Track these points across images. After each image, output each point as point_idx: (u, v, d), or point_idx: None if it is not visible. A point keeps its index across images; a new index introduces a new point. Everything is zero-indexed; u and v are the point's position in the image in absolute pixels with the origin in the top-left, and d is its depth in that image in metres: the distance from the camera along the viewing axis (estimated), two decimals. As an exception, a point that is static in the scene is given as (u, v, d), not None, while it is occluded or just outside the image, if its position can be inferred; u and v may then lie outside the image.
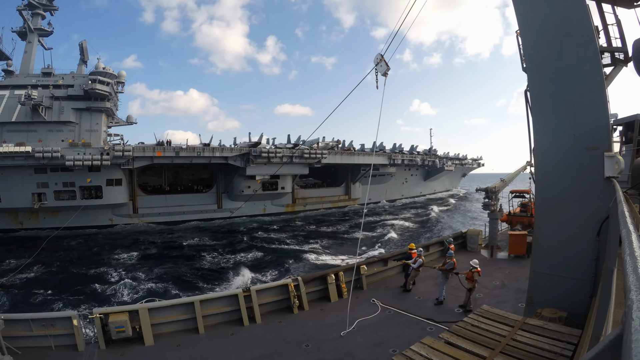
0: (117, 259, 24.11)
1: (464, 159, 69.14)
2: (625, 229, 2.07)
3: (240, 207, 38.47)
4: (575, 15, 6.59)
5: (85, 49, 39.10)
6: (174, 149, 34.31)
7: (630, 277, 1.25)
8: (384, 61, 8.73)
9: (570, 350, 4.78)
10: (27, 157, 29.64)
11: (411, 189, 60.56)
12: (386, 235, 31.06)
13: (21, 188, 30.65)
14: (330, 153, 42.32)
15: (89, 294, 17.35)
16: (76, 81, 34.92)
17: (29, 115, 32.56)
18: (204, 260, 24.05)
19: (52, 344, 7.83)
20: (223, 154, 35.79)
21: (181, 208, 37.36)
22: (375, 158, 47.18)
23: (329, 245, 28.14)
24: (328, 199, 47.87)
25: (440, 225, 37.41)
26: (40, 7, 37.86)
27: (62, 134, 33.60)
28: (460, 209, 54.11)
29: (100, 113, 35.73)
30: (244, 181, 38.06)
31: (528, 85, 7.60)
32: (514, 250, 14.78)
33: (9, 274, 18.33)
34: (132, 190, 35.68)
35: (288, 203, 43.47)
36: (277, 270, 21.18)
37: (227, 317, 9.33)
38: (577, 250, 6.83)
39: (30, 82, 33.70)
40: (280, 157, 37.58)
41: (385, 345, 7.82)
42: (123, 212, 35.25)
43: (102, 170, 31.92)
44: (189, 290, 17.63)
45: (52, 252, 24.66)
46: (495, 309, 6.60)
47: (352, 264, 11.30)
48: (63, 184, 31.67)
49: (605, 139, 6.49)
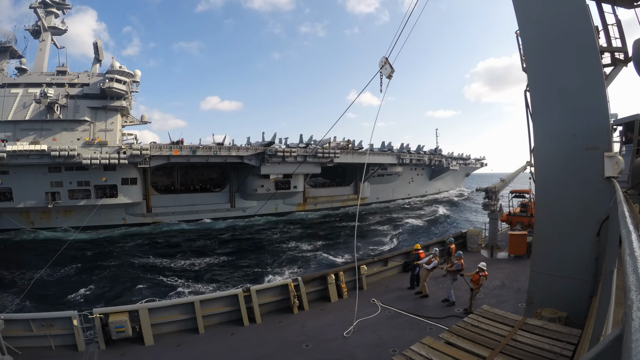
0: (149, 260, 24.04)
1: (468, 159, 70.12)
2: (625, 229, 2.07)
3: (253, 207, 38.84)
4: (575, 15, 6.59)
5: (99, 48, 39.03)
6: (190, 148, 34.19)
7: (630, 277, 1.25)
8: (388, 64, 8.75)
9: (570, 350, 4.77)
10: (42, 156, 29.20)
11: (417, 189, 61.28)
12: (399, 233, 31.56)
13: (34, 187, 30.24)
14: (343, 153, 42.80)
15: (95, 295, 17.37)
16: (92, 80, 34.89)
17: (44, 113, 32.48)
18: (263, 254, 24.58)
19: (52, 344, 7.83)
20: (239, 153, 35.96)
21: (194, 207, 37.35)
22: (385, 157, 47.79)
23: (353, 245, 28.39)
24: (337, 198, 48.42)
25: (454, 223, 38.03)
26: (54, 6, 37.94)
27: (76, 133, 33.58)
28: (468, 207, 54.92)
29: (116, 112, 35.79)
30: (257, 180, 38.15)
31: (528, 85, 7.60)
32: (514, 250, 14.79)
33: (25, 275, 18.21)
34: (145, 189, 35.54)
35: (299, 202, 43.92)
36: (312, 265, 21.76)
37: (227, 317, 9.32)
38: (577, 250, 6.82)
39: (45, 81, 33.60)
40: (294, 157, 37.65)
41: (385, 345, 7.82)
42: (137, 211, 35.04)
43: (118, 169, 31.76)
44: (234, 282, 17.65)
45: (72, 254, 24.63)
46: (495, 309, 6.60)
47: (352, 264, 11.29)
48: (78, 183, 31.44)
49: (605, 139, 6.49)
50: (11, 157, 28.35)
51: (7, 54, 35.36)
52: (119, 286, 18.36)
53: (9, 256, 24.11)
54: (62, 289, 17.84)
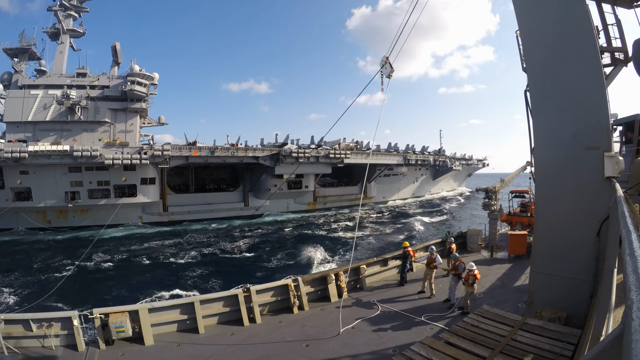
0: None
1: (470, 159, 71.87)
2: (625, 229, 2.07)
3: (266, 205, 39.80)
4: (575, 15, 6.59)
5: (118, 51, 39.83)
6: (209, 148, 35.40)
7: (630, 277, 1.25)
8: (388, 63, 8.80)
9: (570, 350, 4.78)
10: (63, 156, 29.99)
11: (421, 188, 62.89)
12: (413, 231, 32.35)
13: (54, 187, 30.90)
14: (352, 153, 44.37)
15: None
16: (112, 82, 35.86)
17: (64, 114, 33.39)
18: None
19: (52, 344, 7.82)
20: (255, 154, 37.31)
21: (209, 206, 38.32)
22: (391, 158, 49.42)
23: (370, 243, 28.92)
24: (345, 197, 49.96)
25: (459, 221, 39.10)
26: (72, 9, 38.67)
27: (96, 134, 34.67)
28: (470, 206, 56.10)
29: (136, 113, 36.98)
30: (271, 180, 39.46)
31: (528, 85, 7.60)
32: (514, 250, 14.78)
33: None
34: (162, 189, 36.47)
35: (309, 201, 45.36)
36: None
37: (227, 317, 9.32)
38: (577, 250, 6.82)
39: (65, 82, 34.50)
40: (307, 157, 39.04)
41: (385, 345, 7.81)
42: (153, 210, 36.02)
43: (137, 169, 32.63)
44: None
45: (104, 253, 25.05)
46: (495, 309, 6.61)
47: (353, 265, 11.29)
48: (97, 183, 32.15)
49: (605, 139, 6.49)
50: (33, 157, 29.14)
51: (26, 55, 36.14)
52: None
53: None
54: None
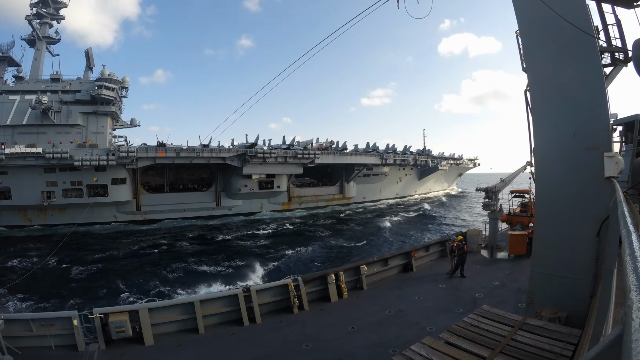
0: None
1: (460, 159, 70.39)
2: (625, 229, 2.07)
3: (239, 206, 40.65)
4: (575, 15, 6.58)
5: (91, 56, 40.50)
6: (174, 149, 35.89)
7: (630, 277, 1.25)
8: None
9: (570, 350, 4.77)
10: (37, 158, 31.39)
11: (406, 188, 61.74)
12: (381, 233, 31.99)
13: (31, 186, 32.28)
14: (324, 153, 44.02)
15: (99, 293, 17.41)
16: (83, 87, 36.86)
17: (39, 118, 34.60)
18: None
19: (52, 344, 7.83)
20: (221, 155, 37.51)
21: (182, 206, 38.90)
22: (368, 158, 48.69)
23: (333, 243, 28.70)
24: (323, 198, 49.56)
25: (445, 221, 38.61)
26: (48, 17, 39.42)
27: (70, 136, 35.76)
28: (456, 205, 56.11)
29: (106, 116, 37.86)
30: (241, 180, 39.73)
31: (528, 85, 7.59)
32: (514, 250, 14.79)
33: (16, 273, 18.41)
34: (135, 189, 37.23)
35: (284, 201, 45.11)
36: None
37: (227, 317, 9.32)
38: (577, 250, 6.82)
39: (40, 88, 35.55)
40: (275, 158, 39.32)
41: (385, 345, 7.82)
42: (127, 209, 36.78)
43: (108, 169, 33.62)
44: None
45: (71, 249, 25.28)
46: (495, 309, 6.60)
47: (353, 264, 11.31)
48: (71, 183, 33.44)
49: (605, 139, 6.48)
50: (9, 159, 30.66)
51: (5, 62, 37.48)
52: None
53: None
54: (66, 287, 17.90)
